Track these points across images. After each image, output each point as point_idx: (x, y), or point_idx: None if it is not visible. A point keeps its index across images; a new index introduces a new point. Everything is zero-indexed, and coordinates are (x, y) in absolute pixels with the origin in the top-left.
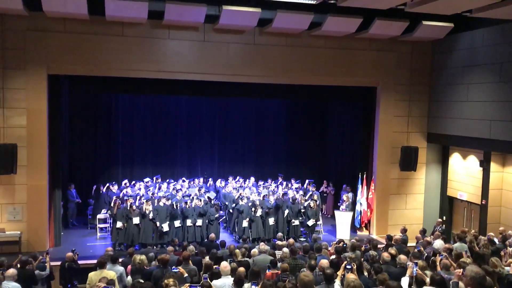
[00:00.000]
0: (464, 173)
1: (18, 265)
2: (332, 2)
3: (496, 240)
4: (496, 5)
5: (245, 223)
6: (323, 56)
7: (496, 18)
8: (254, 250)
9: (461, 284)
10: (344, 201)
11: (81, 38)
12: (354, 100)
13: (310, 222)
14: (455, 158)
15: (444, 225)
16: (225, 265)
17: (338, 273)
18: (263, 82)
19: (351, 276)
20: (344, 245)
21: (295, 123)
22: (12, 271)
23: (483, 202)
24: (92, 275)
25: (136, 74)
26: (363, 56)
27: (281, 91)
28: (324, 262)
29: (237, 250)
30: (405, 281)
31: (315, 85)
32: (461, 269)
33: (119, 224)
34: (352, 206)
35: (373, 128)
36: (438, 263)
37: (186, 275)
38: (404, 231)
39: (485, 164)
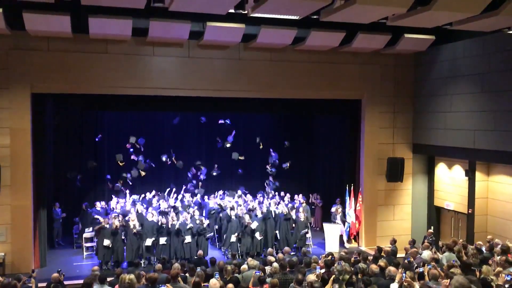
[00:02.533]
0: (450, 183)
1: None
2: (315, 17)
3: (484, 249)
4: (475, 18)
5: (233, 238)
6: (307, 70)
7: (476, 30)
8: (244, 266)
9: None
10: (334, 213)
11: (65, 56)
12: (340, 113)
13: (303, 232)
14: (441, 168)
15: (431, 234)
16: (214, 282)
17: (327, 287)
18: (249, 97)
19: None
20: (333, 258)
21: (281, 137)
22: None
23: (469, 211)
24: None
25: (121, 91)
26: (347, 70)
27: (267, 106)
28: (311, 277)
29: (229, 267)
30: (394, 287)
31: (300, 99)
32: (449, 279)
33: (106, 242)
34: (340, 218)
35: (359, 140)
36: (426, 273)
37: None
38: (393, 242)
39: (470, 174)
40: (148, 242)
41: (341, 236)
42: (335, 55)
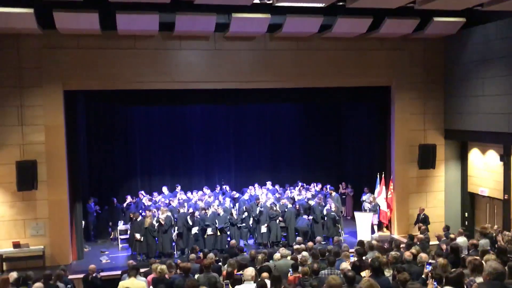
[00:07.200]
0: (485, 168)
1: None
2: (341, 3)
3: None
4: None
5: (263, 229)
6: (335, 58)
7: (508, 10)
8: (277, 255)
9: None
10: (366, 201)
11: (95, 53)
12: (369, 100)
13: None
14: (474, 154)
15: (423, 211)
16: (251, 270)
17: (363, 273)
18: (276, 87)
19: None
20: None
21: (310, 127)
22: (38, 284)
23: (505, 197)
24: (123, 284)
25: (150, 86)
26: (375, 56)
27: (294, 96)
28: (345, 265)
29: (259, 256)
30: None
31: (328, 88)
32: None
33: (137, 236)
34: (373, 206)
35: (389, 127)
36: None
37: None
38: (426, 229)
39: (505, 158)
40: (175, 233)
41: (373, 225)
42: (363, 42)
